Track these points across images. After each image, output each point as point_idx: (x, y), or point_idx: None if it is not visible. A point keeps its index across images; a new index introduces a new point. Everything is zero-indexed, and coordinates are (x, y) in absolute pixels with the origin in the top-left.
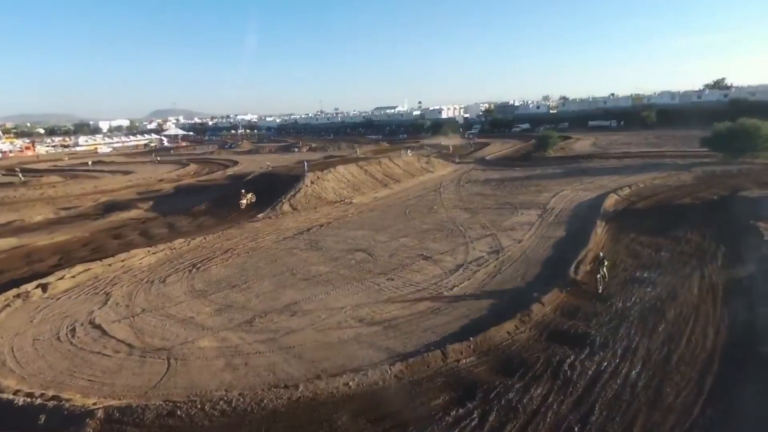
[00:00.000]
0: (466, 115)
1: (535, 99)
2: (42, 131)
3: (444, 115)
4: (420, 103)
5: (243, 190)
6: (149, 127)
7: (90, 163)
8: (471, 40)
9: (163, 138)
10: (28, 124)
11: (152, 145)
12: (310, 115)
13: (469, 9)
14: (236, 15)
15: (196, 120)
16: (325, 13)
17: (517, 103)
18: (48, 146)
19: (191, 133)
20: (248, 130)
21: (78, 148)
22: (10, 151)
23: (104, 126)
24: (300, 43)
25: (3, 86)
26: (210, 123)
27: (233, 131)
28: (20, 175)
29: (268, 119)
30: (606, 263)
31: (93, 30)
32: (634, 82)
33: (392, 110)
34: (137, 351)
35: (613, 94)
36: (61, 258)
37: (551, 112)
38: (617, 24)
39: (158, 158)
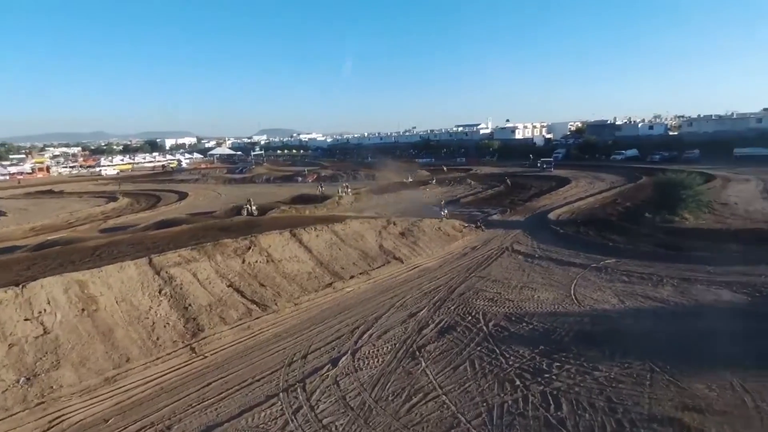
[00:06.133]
0: (549, 136)
1: (644, 118)
2: (119, 149)
3: (519, 135)
4: (508, 121)
5: None
6: (207, 145)
7: None
8: (568, 50)
9: (182, 159)
10: (158, 140)
11: (172, 166)
12: (365, 134)
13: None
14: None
15: (279, 138)
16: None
17: (618, 122)
18: (66, 167)
19: (239, 152)
20: (295, 151)
21: (98, 169)
22: (20, 173)
23: (169, 143)
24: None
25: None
26: (262, 142)
27: (256, 153)
28: None
29: (318, 138)
30: None
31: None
32: None
33: (472, 128)
34: None
35: None
36: None
37: (671, 134)
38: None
39: (120, 186)
